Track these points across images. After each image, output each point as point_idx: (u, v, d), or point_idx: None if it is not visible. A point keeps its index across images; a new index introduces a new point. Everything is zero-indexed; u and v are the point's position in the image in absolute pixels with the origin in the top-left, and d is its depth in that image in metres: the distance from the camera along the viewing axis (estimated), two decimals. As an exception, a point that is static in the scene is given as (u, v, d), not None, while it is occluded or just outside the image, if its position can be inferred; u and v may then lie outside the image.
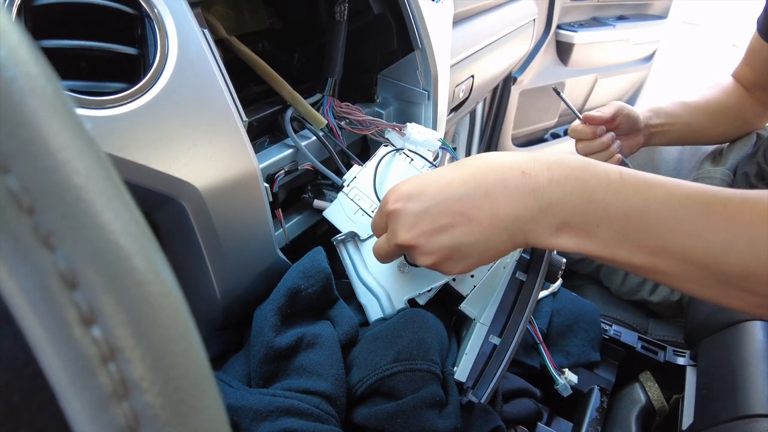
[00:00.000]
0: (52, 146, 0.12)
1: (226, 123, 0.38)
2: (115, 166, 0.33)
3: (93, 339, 0.11)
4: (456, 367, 0.41)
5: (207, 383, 0.13)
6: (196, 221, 0.37)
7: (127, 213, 0.13)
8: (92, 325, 0.11)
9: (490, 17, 0.83)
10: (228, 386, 0.37)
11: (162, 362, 0.12)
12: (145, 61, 0.35)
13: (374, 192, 0.49)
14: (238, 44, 0.51)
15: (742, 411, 0.42)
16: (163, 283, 0.13)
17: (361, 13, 0.58)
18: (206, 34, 0.38)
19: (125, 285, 0.12)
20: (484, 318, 0.43)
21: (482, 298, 0.44)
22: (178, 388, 0.12)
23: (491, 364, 0.41)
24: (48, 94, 0.12)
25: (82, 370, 0.11)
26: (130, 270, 0.12)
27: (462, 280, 0.46)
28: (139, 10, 0.35)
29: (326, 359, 0.37)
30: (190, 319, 0.14)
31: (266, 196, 0.41)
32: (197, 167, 0.36)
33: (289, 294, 0.39)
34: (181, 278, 0.43)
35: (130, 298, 0.12)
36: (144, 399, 0.12)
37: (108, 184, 0.13)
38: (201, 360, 0.13)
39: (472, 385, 0.40)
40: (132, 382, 0.11)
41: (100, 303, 0.11)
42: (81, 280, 0.11)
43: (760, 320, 0.50)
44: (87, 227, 0.11)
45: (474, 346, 0.42)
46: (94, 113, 0.32)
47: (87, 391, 0.11)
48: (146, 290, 0.12)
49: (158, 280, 0.13)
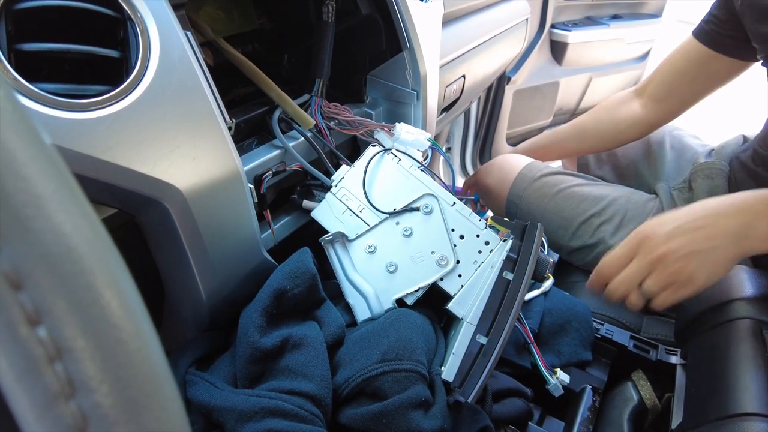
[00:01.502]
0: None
1: (209, 125, 0.38)
2: (98, 169, 0.33)
3: (39, 339, 0.11)
4: (443, 366, 0.41)
5: (161, 382, 0.13)
6: (179, 223, 0.37)
7: (80, 215, 0.13)
8: (38, 325, 0.11)
9: (482, 17, 0.83)
10: (213, 387, 0.37)
11: (111, 362, 0.12)
12: (128, 64, 0.35)
13: (363, 192, 0.49)
14: (225, 45, 0.52)
15: (730, 410, 0.42)
16: (115, 285, 0.13)
17: (349, 14, 0.58)
18: (189, 37, 0.38)
19: (73, 286, 0.12)
20: (471, 317, 0.43)
21: (470, 298, 0.44)
22: (128, 388, 0.12)
23: (478, 364, 0.41)
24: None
25: (28, 369, 0.11)
26: (78, 272, 0.12)
27: (450, 280, 0.46)
28: (122, 13, 0.35)
29: (312, 360, 0.37)
30: (146, 319, 0.14)
31: (250, 197, 0.41)
32: (180, 169, 0.36)
33: (274, 295, 0.39)
34: (166, 280, 0.43)
35: (78, 300, 0.12)
36: (92, 398, 0.12)
37: (59, 185, 0.13)
38: (154, 359, 0.13)
39: (459, 384, 0.40)
40: (80, 381, 0.11)
41: (46, 303, 0.11)
42: (26, 281, 0.11)
43: (751, 318, 0.50)
44: (32, 228, 0.11)
45: (461, 346, 0.42)
46: (76, 116, 0.33)
47: (33, 390, 0.11)
48: (96, 292, 0.12)
49: (110, 281, 0.13)
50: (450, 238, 0.46)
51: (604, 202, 0.79)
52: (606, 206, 0.78)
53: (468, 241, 0.47)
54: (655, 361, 0.60)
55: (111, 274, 0.13)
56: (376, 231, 0.48)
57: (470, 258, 0.46)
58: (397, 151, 0.51)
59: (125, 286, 0.13)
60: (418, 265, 0.46)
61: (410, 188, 0.48)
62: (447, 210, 0.47)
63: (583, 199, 0.79)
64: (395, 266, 0.46)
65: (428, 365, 0.40)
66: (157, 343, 0.14)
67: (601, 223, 0.77)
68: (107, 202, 0.37)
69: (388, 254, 0.47)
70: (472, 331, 0.42)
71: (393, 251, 0.47)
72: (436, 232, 0.47)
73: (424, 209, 0.47)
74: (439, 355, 0.43)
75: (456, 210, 0.48)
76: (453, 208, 0.48)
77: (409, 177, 0.49)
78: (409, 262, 0.47)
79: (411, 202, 0.48)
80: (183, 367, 0.39)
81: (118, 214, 0.38)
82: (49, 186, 0.12)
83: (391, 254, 0.47)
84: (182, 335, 0.46)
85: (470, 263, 0.46)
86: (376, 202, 0.48)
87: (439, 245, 0.46)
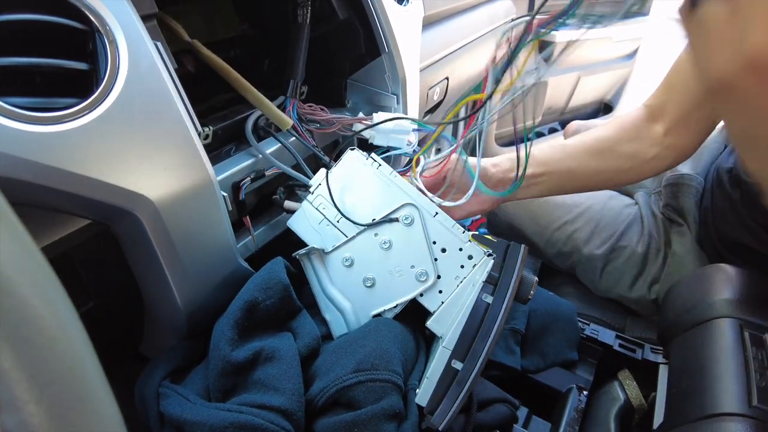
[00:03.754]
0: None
1: (179, 134, 0.38)
2: (69, 181, 0.33)
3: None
4: (418, 389, 0.41)
5: (94, 396, 0.14)
6: (152, 232, 0.37)
7: (11, 238, 0.13)
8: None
9: (465, 19, 0.83)
10: (186, 400, 0.37)
11: (38, 380, 0.12)
12: (97, 76, 0.35)
13: (334, 205, 0.46)
14: (200, 48, 0.51)
15: (709, 410, 0.42)
16: (44, 308, 0.13)
17: (326, 19, 0.58)
18: (159, 47, 0.38)
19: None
20: (448, 340, 0.41)
21: (449, 316, 0.43)
22: (56, 404, 0.12)
23: (452, 390, 0.40)
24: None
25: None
26: (3, 296, 0.12)
27: (430, 296, 0.44)
28: (90, 26, 0.35)
29: (284, 373, 0.37)
30: (78, 338, 0.14)
31: (223, 205, 0.41)
32: (151, 179, 0.36)
33: (245, 307, 0.39)
34: (144, 288, 0.43)
35: (4, 323, 0.12)
36: (18, 416, 0.12)
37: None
38: (86, 375, 0.13)
39: (432, 410, 0.39)
40: (6, 400, 0.12)
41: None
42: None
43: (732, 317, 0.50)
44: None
45: (436, 370, 0.41)
46: (46, 129, 0.33)
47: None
48: (22, 313, 0.12)
49: (38, 305, 0.13)
50: (431, 251, 0.44)
51: (579, 209, 0.78)
52: (580, 213, 0.78)
53: (450, 255, 0.44)
54: (641, 361, 0.61)
55: (38, 298, 0.13)
56: (353, 243, 0.46)
57: (452, 273, 0.44)
58: (376, 155, 0.48)
59: (53, 309, 0.13)
60: (396, 279, 0.44)
61: (390, 197, 0.46)
62: (428, 221, 0.45)
63: (558, 206, 0.79)
64: (373, 281, 0.45)
65: (405, 376, 0.40)
66: (89, 361, 0.14)
67: (575, 230, 0.77)
68: (80, 213, 0.37)
69: (366, 268, 0.45)
70: (448, 355, 0.40)
71: (371, 265, 0.45)
72: (417, 244, 0.44)
73: (404, 220, 0.45)
74: (419, 367, 0.43)
75: (438, 221, 0.45)
76: (435, 219, 0.45)
77: (389, 185, 0.46)
78: (387, 277, 0.45)
79: (390, 212, 0.45)
80: (156, 380, 0.39)
81: (92, 224, 0.38)
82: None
83: (369, 268, 0.45)
84: (163, 342, 0.46)
85: (452, 279, 0.44)
86: (353, 212, 0.46)
87: (419, 259, 0.44)
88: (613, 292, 0.75)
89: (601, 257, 0.75)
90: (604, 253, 0.75)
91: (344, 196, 0.47)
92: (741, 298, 0.49)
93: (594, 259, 0.76)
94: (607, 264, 0.75)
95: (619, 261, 0.74)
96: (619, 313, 0.75)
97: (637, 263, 0.74)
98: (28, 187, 0.32)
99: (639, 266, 0.74)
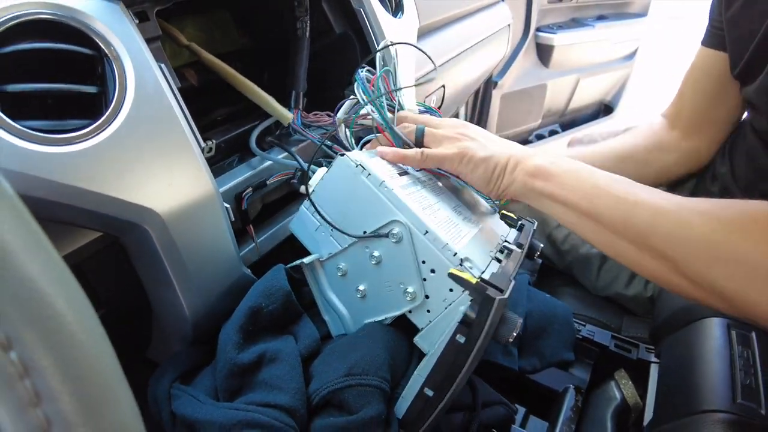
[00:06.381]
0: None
1: (183, 151, 0.40)
2: (82, 198, 0.36)
3: (11, 361, 0.14)
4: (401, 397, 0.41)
5: (115, 391, 0.16)
6: (159, 244, 0.39)
7: (44, 262, 0.16)
8: (10, 350, 0.14)
9: (460, 27, 0.85)
10: (196, 401, 0.39)
11: (69, 376, 0.15)
12: (106, 98, 0.38)
13: (321, 217, 0.44)
14: (198, 50, 0.53)
15: (696, 407, 0.43)
16: (73, 316, 0.16)
17: (325, 33, 0.60)
18: (163, 68, 0.40)
19: (37, 320, 0.15)
20: (421, 368, 0.41)
21: (437, 335, 0.41)
22: (86, 396, 0.15)
23: (424, 411, 0.40)
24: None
25: (4, 384, 0.14)
26: (43, 308, 0.15)
27: (419, 314, 0.43)
28: (99, 51, 0.38)
29: (286, 373, 0.39)
30: (100, 341, 0.16)
31: (226, 216, 0.43)
32: (158, 194, 0.38)
33: (250, 313, 0.41)
34: (152, 297, 0.45)
35: (41, 330, 0.15)
36: (55, 406, 0.15)
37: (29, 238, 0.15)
38: (109, 372, 0.16)
39: (406, 424, 0.41)
40: (45, 392, 0.14)
41: (15, 334, 0.14)
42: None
43: (721, 317, 0.52)
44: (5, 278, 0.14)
45: (410, 392, 0.41)
46: (60, 150, 0.35)
47: (8, 400, 0.14)
48: (57, 322, 0.15)
49: (69, 314, 0.15)
50: (420, 271, 0.42)
51: None
52: None
53: (439, 277, 0.41)
54: (636, 360, 0.62)
55: (71, 309, 0.15)
56: (346, 253, 0.44)
57: (440, 295, 0.41)
58: (367, 162, 0.44)
59: (83, 317, 0.16)
60: (386, 294, 0.43)
61: (379, 210, 0.43)
62: (418, 240, 0.42)
63: None
64: (364, 293, 0.44)
65: (395, 381, 0.41)
66: (111, 360, 0.17)
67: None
68: (92, 226, 0.40)
69: (358, 280, 0.44)
70: (421, 382, 0.40)
71: (362, 277, 0.44)
72: (406, 263, 0.42)
73: (393, 237, 0.42)
74: (409, 373, 0.44)
75: (428, 241, 0.41)
76: (425, 237, 0.41)
77: (378, 197, 0.43)
78: (377, 291, 0.44)
79: (379, 227, 0.43)
80: (168, 382, 0.42)
81: (103, 237, 0.41)
82: (21, 240, 0.15)
83: (360, 280, 0.44)
84: (170, 347, 0.49)
85: (440, 300, 0.41)
86: (345, 221, 0.44)
87: (408, 278, 0.42)
88: (611, 289, 0.76)
89: (598, 255, 0.77)
90: (601, 252, 0.77)
91: (336, 203, 0.45)
92: (729, 298, 0.51)
93: (591, 258, 0.77)
94: (604, 262, 0.77)
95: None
96: (616, 313, 0.76)
97: None
98: (44, 203, 0.35)
99: None
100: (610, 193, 0.42)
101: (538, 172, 0.45)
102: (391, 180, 0.44)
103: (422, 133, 0.49)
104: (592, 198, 0.43)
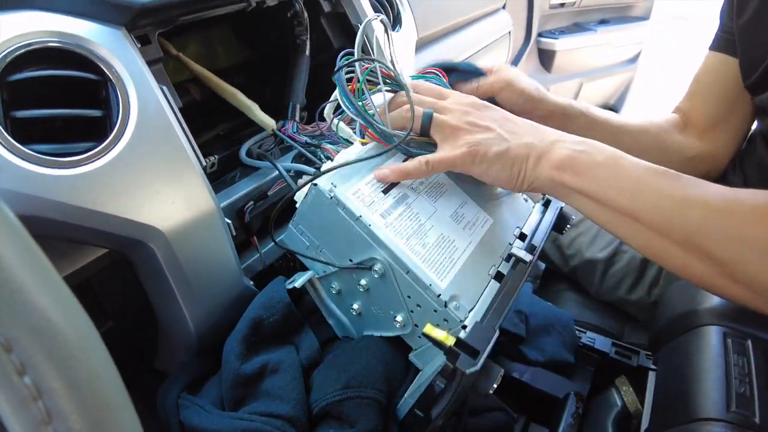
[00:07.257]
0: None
1: (185, 169, 0.42)
2: (89, 218, 0.37)
3: (25, 384, 0.16)
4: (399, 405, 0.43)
5: (119, 407, 0.18)
6: (164, 260, 0.41)
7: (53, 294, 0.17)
8: (24, 375, 0.16)
9: (460, 36, 0.85)
10: (203, 410, 0.41)
11: (77, 396, 0.17)
12: (110, 121, 0.39)
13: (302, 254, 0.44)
14: (185, 60, 0.54)
15: (691, 415, 0.44)
16: (78, 342, 0.17)
17: (324, 50, 0.61)
18: (165, 90, 0.42)
19: (48, 348, 0.16)
20: (410, 394, 0.42)
21: (430, 354, 0.42)
22: (92, 414, 0.17)
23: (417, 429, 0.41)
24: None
25: (20, 404, 0.16)
26: (53, 337, 0.16)
27: (411, 338, 0.43)
28: (103, 76, 0.39)
29: (288, 384, 0.40)
30: (106, 363, 0.18)
31: (227, 231, 0.45)
32: (161, 212, 0.40)
33: (251, 324, 0.42)
34: (157, 310, 0.47)
35: (52, 357, 0.16)
36: (65, 424, 0.16)
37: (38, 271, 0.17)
38: (111, 391, 0.18)
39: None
40: (55, 412, 0.16)
41: (28, 361, 0.16)
42: (14, 346, 0.16)
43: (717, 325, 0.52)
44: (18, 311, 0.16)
45: (403, 408, 0.42)
46: (67, 172, 0.37)
47: (24, 419, 0.16)
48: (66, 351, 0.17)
49: (76, 342, 0.17)
50: (406, 304, 0.41)
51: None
52: (584, 218, 0.79)
53: (426, 312, 0.40)
54: (636, 367, 0.62)
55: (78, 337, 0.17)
56: (338, 276, 0.44)
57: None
58: (342, 193, 0.40)
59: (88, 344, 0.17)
60: (379, 317, 0.44)
61: (358, 244, 0.41)
62: (400, 277, 0.40)
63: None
64: (359, 312, 0.45)
65: (391, 393, 0.42)
66: (115, 380, 0.18)
67: (578, 234, 0.79)
68: (99, 244, 0.41)
69: (352, 300, 0.45)
70: (412, 403, 0.41)
71: (355, 299, 0.44)
72: (392, 295, 0.41)
73: (375, 273, 0.40)
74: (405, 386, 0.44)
75: (410, 279, 0.39)
76: (407, 276, 0.39)
77: (356, 231, 0.40)
78: (371, 312, 0.44)
79: (361, 261, 0.41)
80: (176, 392, 0.43)
81: (110, 253, 0.43)
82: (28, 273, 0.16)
83: (354, 301, 0.45)
84: (176, 358, 0.50)
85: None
86: (330, 246, 0.43)
87: (396, 307, 0.42)
88: (614, 295, 0.76)
89: (603, 261, 0.77)
90: (606, 256, 0.77)
91: (319, 228, 0.43)
92: (726, 306, 0.51)
93: (596, 263, 0.78)
94: (608, 267, 0.77)
95: (619, 264, 0.76)
96: (618, 320, 0.77)
97: (637, 267, 0.76)
98: (53, 223, 0.36)
99: (639, 270, 0.75)
100: (652, 187, 0.37)
101: (566, 165, 0.40)
102: (370, 211, 0.41)
103: (430, 118, 0.43)
104: (632, 194, 0.38)
